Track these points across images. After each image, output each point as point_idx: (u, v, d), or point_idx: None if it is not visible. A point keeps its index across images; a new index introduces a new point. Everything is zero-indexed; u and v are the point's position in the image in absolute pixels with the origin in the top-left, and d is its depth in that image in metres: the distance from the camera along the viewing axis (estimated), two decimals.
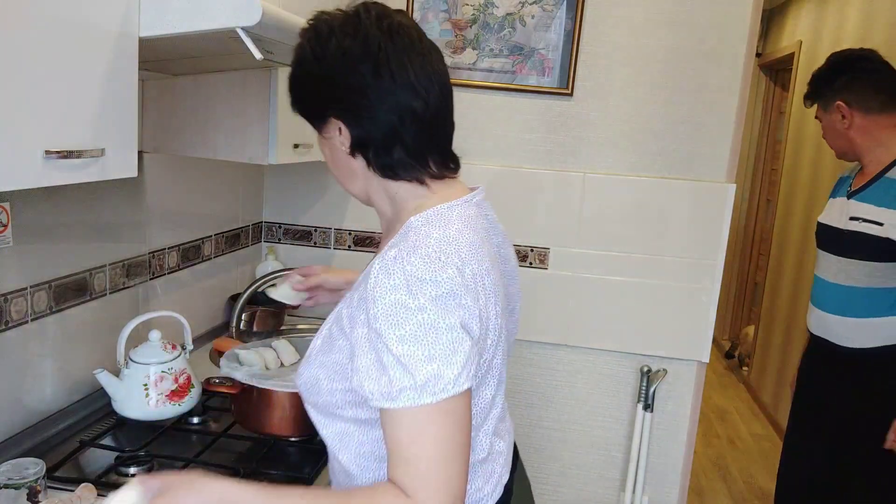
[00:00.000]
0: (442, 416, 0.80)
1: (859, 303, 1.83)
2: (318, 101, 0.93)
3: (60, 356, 1.42)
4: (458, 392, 0.80)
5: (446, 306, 0.81)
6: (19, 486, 1.07)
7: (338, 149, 0.94)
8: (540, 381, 2.29)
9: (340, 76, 0.89)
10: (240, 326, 2.04)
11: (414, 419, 0.80)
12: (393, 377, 0.79)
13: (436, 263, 0.82)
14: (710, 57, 2.09)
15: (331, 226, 2.36)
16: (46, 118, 0.91)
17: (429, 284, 0.80)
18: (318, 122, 0.95)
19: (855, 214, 1.83)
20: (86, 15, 0.95)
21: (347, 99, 0.89)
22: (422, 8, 2.16)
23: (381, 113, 0.89)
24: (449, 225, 0.89)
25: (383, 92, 0.88)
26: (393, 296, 0.80)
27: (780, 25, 4.85)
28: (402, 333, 0.79)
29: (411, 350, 0.79)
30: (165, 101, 1.60)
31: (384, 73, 0.88)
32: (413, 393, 0.79)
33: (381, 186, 0.95)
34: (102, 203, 1.51)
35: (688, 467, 2.31)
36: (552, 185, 2.19)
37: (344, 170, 0.97)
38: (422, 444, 0.80)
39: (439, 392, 0.79)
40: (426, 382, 0.78)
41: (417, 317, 0.79)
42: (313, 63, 0.91)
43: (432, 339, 0.79)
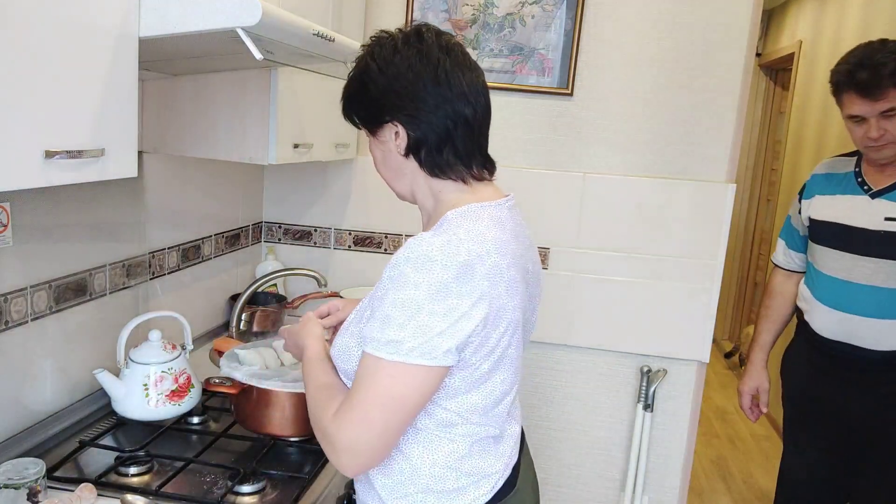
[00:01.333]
0: (388, 377, 0.92)
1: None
2: (378, 108, 1.04)
3: (60, 356, 1.42)
4: (411, 363, 0.91)
5: (439, 293, 0.91)
6: (19, 486, 1.07)
7: (391, 151, 1.06)
8: (540, 381, 2.29)
9: (403, 85, 1.01)
10: (240, 326, 2.04)
11: (369, 365, 0.93)
12: (373, 326, 0.93)
13: (450, 249, 0.92)
14: (710, 57, 2.09)
15: (331, 226, 2.36)
16: (46, 118, 0.91)
17: (437, 265, 0.91)
18: (374, 126, 1.07)
19: (892, 215, 1.74)
20: (86, 15, 0.95)
21: (409, 105, 1.01)
22: (422, 8, 2.16)
23: (437, 118, 1.02)
24: (479, 221, 0.99)
25: (441, 99, 1.01)
26: (404, 266, 0.92)
27: (780, 25, 4.85)
28: (394, 297, 0.92)
29: (393, 312, 0.91)
30: (165, 101, 1.60)
31: (442, 82, 1.01)
32: (377, 344, 0.92)
33: (426, 184, 1.07)
34: (102, 203, 1.51)
35: (688, 467, 2.31)
36: (552, 185, 2.19)
37: (393, 169, 1.09)
38: (365, 387, 0.93)
39: (393, 353, 0.91)
40: (389, 342, 0.91)
41: (410, 292, 0.91)
42: (378, 73, 1.02)
43: (413, 312, 0.91)
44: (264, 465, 1.31)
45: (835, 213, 1.84)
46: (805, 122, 4.07)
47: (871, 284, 1.75)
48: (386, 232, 2.33)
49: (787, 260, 2.03)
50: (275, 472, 1.29)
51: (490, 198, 1.06)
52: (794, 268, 2.02)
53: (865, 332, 1.77)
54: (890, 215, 1.74)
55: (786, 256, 2.04)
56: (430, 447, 1.02)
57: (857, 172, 1.84)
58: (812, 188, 1.94)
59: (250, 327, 2.08)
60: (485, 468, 1.05)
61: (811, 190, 1.94)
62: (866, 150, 1.78)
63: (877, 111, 1.68)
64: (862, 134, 1.73)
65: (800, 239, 1.98)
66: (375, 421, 0.92)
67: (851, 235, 1.79)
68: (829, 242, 1.84)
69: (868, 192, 1.79)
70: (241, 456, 1.37)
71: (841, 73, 1.74)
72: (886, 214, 1.75)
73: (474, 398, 1.01)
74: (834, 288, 1.82)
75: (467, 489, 1.03)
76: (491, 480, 1.05)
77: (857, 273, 1.77)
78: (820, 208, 1.89)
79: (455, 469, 1.02)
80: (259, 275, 2.25)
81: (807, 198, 1.94)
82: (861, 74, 1.67)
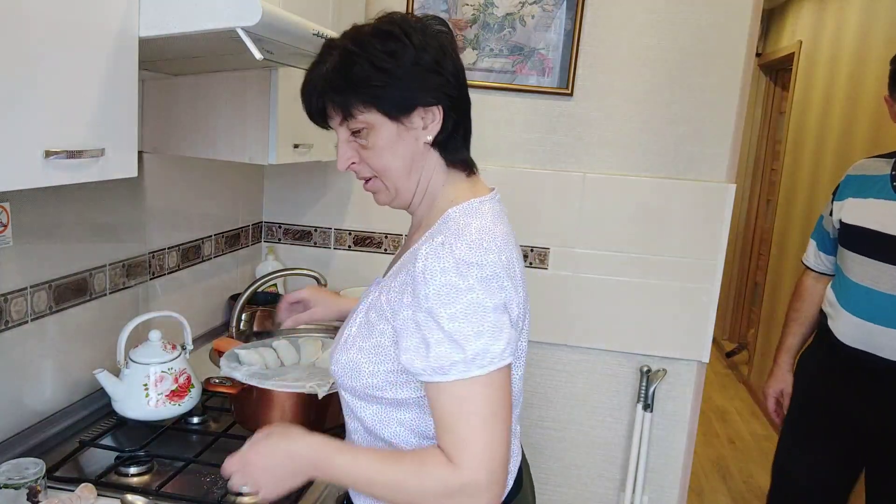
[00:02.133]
0: (487, 388, 0.87)
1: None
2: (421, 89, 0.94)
3: (60, 356, 1.42)
4: (503, 365, 0.87)
5: (491, 287, 0.88)
6: (19, 486, 1.07)
7: (413, 140, 0.96)
8: (540, 381, 2.29)
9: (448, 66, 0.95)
10: (240, 326, 2.04)
11: (462, 391, 0.86)
12: (444, 352, 0.86)
13: (480, 248, 0.89)
14: (710, 57, 2.09)
15: (331, 226, 2.36)
16: (46, 118, 0.91)
17: (475, 267, 0.87)
18: (408, 111, 0.95)
19: None
20: (86, 15, 0.95)
21: (448, 88, 0.95)
22: (422, 8, 2.16)
23: (462, 101, 0.98)
24: (484, 216, 0.96)
25: (462, 80, 0.97)
26: (443, 278, 0.87)
27: (780, 25, 4.85)
28: (452, 312, 0.86)
29: (461, 327, 0.85)
30: (165, 101, 1.60)
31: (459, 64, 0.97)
32: (463, 366, 0.86)
33: (438, 180, 1.00)
34: (102, 203, 1.51)
35: (688, 467, 2.31)
36: (552, 185, 2.19)
37: (407, 161, 0.98)
38: (468, 413, 0.86)
39: (487, 365, 0.86)
40: (475, 356, 0.85)
41: (467, 296, 0.86)
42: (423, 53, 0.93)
43: (480, 316, 0.86)
44: None
45: (866, 218, 1.78)
46: (805, 122, 4.07)
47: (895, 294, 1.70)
48: (386, 232, 2.33)
49: (818, 262, 1.99)
50: None
51: (483, 192, 1.02)
52: (824, 270, 1.98)
53: (886, 342, 1.72)
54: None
55: (816, 258, 1.99)
56: None
57: (894, 176, 1.78)
58: (845, 190, 1.88)
59: (250, 327, 2.08)
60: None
61: (844, 192, 1.88)
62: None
63: None
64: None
65: (830, 241, 1.94)
66: (497, 440, 0.87)
67: (881, 242, 1.73)
68: (858, 248, 1.79)
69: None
70: None
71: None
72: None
73: None
74: (859, 295, 1.77)
75: None
76: (510, 477, 1.05)
77: (884, 282, 1.71)
78: (852, 212, 1.83)
79: None
80: (259, 275, 2.25)
81: (839, 199, 1.88)
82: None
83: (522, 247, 2.22)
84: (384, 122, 0.95)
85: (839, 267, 1.88)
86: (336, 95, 0.94)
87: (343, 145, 0.99)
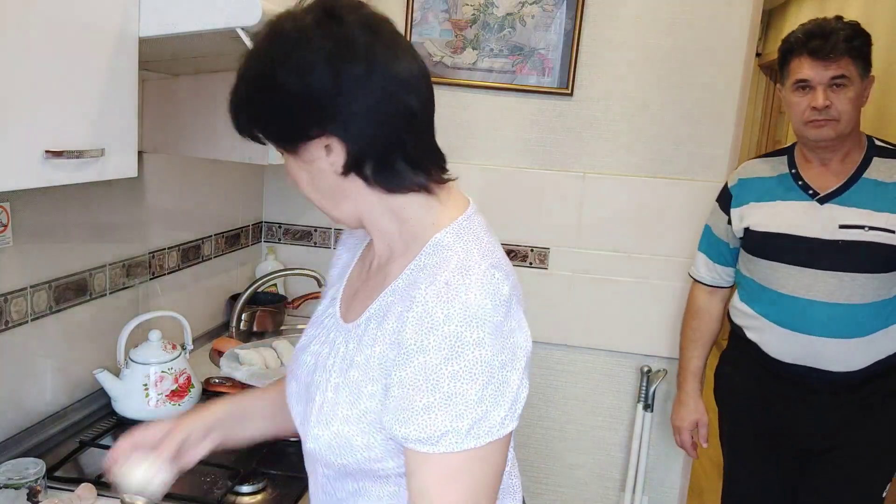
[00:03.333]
0: (480, 461, 0.75)
1: (865, 321, 1.58)
2: (297, 122, 0.79)
3: (60, 356, 1.42)
4: (503, 435, 0.75)
5: (502, 335, 0.75)
6: (19, 486, 1.07)
7: (324, 170, 0.81)
8: (540, 381, 2.29)
9: (327, 85, 0.75)
10: (240, 326, 2.04)
11: (450, 463, 0.74)
12: (437, 418, 0.73)
13: (492, 285, 0.75)
14: (710, 57, 2.09)
15: (331, 226, 2.36)
16: (46, 118, 0.91)
17: (489, 312, 0.74)
18: (295, 144, 0.81)
19: (848, 222, 1.57)
20: (86, 15, 0.95)
21: (341, 110, 0.76)
22: (422, 8, 2.16)
23: (380, 120, 0.78)
24: (480, 238, 0.83)
25: (380, 95, 0.77)
26: (448, 328, 0.73)
27: (780, 25, 4.85)
28: (455, 370, 0.72)
29: (463, 388, 0.72)
30: (165, 101, 1.60)
31: (376, 75, 0.76)
32: (457, 437, 0.73)
33: (382, 204, 0.83)
34: (102, 203, 1.51)
35: (688, 467, 2.31)
36: (552, 185, 2.19)
37: (329, 193, 0.84)
38: (454, 488, 0.74)
39: (484, 435, 0.73)
40: (472, 425, 0.73)
41: (475, 352, 0.72)
42: (289, 77, 0.76)
43: (486, 377, 0.73)
44: (264, 465, 1.31)
45: (780, 223, 1.64)
46: None
47: (834, 302, 1.57)
48: None
49: (713, 276, 1.84)
50: (275, 472, 1.29)
51: (462, 205, 0.87)
52: (721, 283, 1.84)
53: (830, 355, 1.59)
54: (844, 222, 1.57)
55: (710, 272, 1.84)
56: None
57: (796, 174, 1.66)
58: (743, 194, 1.74)
59: (250, 327, 2.08)
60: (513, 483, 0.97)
61: (742, 196, 1.73)
62: (805, 129, 1.60)
63: (827, 77, 1.54)
64: (805, 105, 1.57)
65: (728, 252, 1.79)
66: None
67: (805, 248, 1.60)
68: (779, 257, 1.64)
69: (815, 197, 1.62)
70: (241, 456, 1.36)
71: (793, 39, 1.60)
72: (840, 221, 1.57)
73: None
74: (792, 308, 1.62)
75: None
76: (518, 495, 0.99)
77: (818, 290, 1.58)
78: (759, 217, 1.68)
79: None
80: (259, 275, 2.25)
81: (737, 206, 1.74)
82: (815, 38, 1.55)
83: (522, 247, 2.23)
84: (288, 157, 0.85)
85: (749, 278, 1.73)
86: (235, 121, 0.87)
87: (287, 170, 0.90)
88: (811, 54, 1.56)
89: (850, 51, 1.54)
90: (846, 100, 1.55)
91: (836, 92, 1.55)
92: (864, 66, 1.57)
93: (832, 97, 1.55)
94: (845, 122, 1.56)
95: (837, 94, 1.55)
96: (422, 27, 2.17)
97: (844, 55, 1.53)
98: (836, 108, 1.55)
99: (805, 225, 1.61)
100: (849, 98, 1.55)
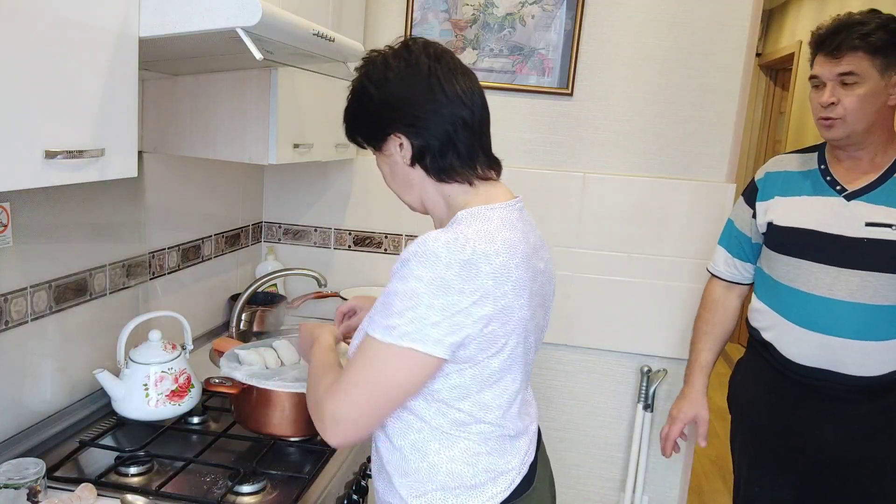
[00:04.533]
0: (380, 357, 0.97)
1: (887, 323, 1.51)
2: (379, 124, 1.08)
3: (60, 356, 1.42)
4: (401, 345, 0.95)
5: (440, 288, 0.94)
6: (19, 486, 1.07)
7: (398, 163, 1.09)
8: (540, 381, 2.29)
9: (398, 96, 1.05)
10: (240, 326, 2.04)
11: (365, 345, 0.98)
12: (374, 312, 0.99)
13: (455, 246, 0.95)
14: (710, 57, 2.09)
15: (331, 226, 2.36)
16: (46, 118, 0.91)
17: (441, 263, 0.94)
18: (379, 142, 1.10)
19: (875, 220, 1.51)
20: (86, 15, 0.95)
21: (407, 115, 1.05)
22: (422, 8, 2.16)
23: (436, 123, 1.05)
24: (489, 221, 1.02)
25: (437, 105, 1.04)
26: (409, 261, 0.96)
27: (780, 25, 4.85)
28: (396, 288, 0.96)
29: (394, 301, 0.96)
30: (165, 101, 1.60)
31: (435, 88, 1.04)
32: (374, 326, 0.97)
33: (436, 191, 1.10)
34: (102, 203, 1.51)
35: (688, 467, 2.31)
36: (552, 185, 2.19)
37: (402, 181, 1.11)
38: (359, 364, 0.98)
39: (387, 336, 0.95)
40: (386, 326, 0.96)
41: (412, 283, 0.95)
42: (374, 90, 1.06)
43: (411, 303, 0.95)
44: (264, 465, 1.31)
45: (804, 218, 1.59)
46: (805, 122, 4.07)
47: (855, 301, 1.51)
48: (386, 232, 2.33)
49: (732, 271, 1.79)
50: (275, 472, 1.29)
51: (499, 199, 1.08)
52: (739, 280, 1.79)
53: (849, 357, 1.53)
54: (872, 220, 1.52)
55: (729, 267, 1.79)
56: (446, 445, 1.04)
57: (825, 170, 1.61)
58: (769, 188, 1.69)
59: (250, 327, 2.08)
60: (501, 465, 1.07)
61: (768, 190, 1.69)
62: (819, 127, 1.57)
63: (835, 73, 1.50)
64: (817, 101, 1.55)
65: (750, 247, 1.74)
66: (362, 396, 0.98)
67: (829, 245, 1.55)
68: (801, 253, 1.58)
69: (842, 193, 1.56)
70: (241, 456, 1.37)
71: (816, 34, 1.56)
72: (867, 219, 1.52)
73: (487, 397, 1.03)
74: (811, 306, 1.56)
75: (484, 486, 1.05)
76: (508, 477, 1.07)
77: (840, 289, 1.53)
78: (784, 212, 1.63)
79: (472, 466, 1.04)
80: (259, 275, 2.25)
81: (763, 199, 1.69)
82: (830, 33, 1.51)
83: None
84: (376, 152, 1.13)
85: (768, 275, 1.68)
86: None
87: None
88: (822, 50, 1.53)
89: (866, 46, 1.47)
90: (854, 97, 1.49)
91: (845, 89, 1.50)
92: (886, 62, 1.48)
93: (840, 94, 1.50)
94: (853, 121, 1.50)
95: (846, 91, 1.50)
96: (422, 27, 2.17)
97: (857, 51, 1.47)
98: (842, 105, 1.50)
99: (830, 221, 1.55)
100: (857, 95, 1.49)
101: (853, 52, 1.48)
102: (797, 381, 1.61)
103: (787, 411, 1.65)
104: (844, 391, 1.56)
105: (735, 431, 1.85)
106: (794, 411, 1.64)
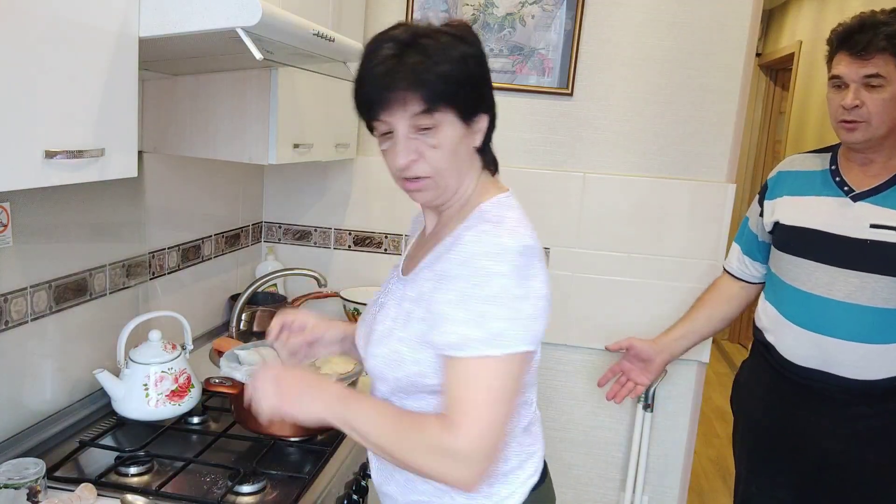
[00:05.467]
0: (495, 371, 0.92)
1: (885, 327, 1.50)
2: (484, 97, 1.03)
3: (60, 356, 1.42)
4: (519, 352, 0.92)
5: (523, 277, 0.93)
6: (19, 486, 1.07)
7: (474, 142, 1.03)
8: (540, 381, 2.27)
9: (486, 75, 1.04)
10: (240, 326, 2.04)
11: (475, 368, 0.91)
12: (466, 329, 0.91)
13: (518, 234, 0.95)
14: (710, 57, 2.09)
15: (331, 226, 2.36)
16: (46, 118, 0.91)
17: (512, 253, 0.92)
18: (476, 114, 1.02)
19: (880, 222, 1.49)
20: (86, 15, 0.95)
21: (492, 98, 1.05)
22: (422, 8, 2.16)
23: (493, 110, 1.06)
24: (514, 209, 1.02)
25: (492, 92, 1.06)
26: (479, 262, 0.92)
27: (780, 25, 4.85)
28: (483, 294, 0.91)
29: (488, 309, 0.91)
30: (165, 101, 1.60)
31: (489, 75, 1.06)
32: (479, 345, 0.91)
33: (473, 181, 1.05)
34: (102, 203, 1.51)
35: (688, 467, 2.31)
36: (552, 185, 2.19)
37: (461, 162, 1.01)
38: (475, 389, 0.91)
39: (501, 347, 0.91)
40: (493, 338, 0.90)
41: (499, 281, 0.91)
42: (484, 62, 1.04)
43: (507, 301, 0.91)
44: (264, 465, 1.31)
45: (809, 218, 1.58)
46: (805, 122, 4.07)
47: (853, 302, 1.50)
48: (386, 232, 2.33)
49: (741, 268, 1.80)
50: (275, 472, 1.29)
51: (505, 189, 1.08)
52: (748, 278, 1.80)
53: (845, 359, 1.52)
54: (876, 222, 1.50)
55: (739, 263, 1.80)
56: None
57: (835, 171, 1.60)
58: (778, 187, 1.68)
59: (250, 327, 2.08)
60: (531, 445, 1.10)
61: (777, 189, 1.68)
62: (838, 129, 1.54)
63: (861, 75, 1.46)
64: (838, 103, 1.51)
65: (758, 246, 1.75)
66: (496, 420, 0.92)
67: (831, 244, 1.54)
68: (804, 252, 1.58)
69: (849, 194, 1.55)
70: (241, 456, 1.37)
71: (838, 32, 1.53)
72: (872, 220, 1.50)
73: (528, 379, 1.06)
74: (809, 305, 1.56)
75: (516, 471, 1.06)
76: (535, 458, 1.10)
77: (838, 289, 1.52)
78: (790, 211, 1.63)
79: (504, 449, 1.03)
80: (259, 275, 2.25)
81: (771, 198, 1.69)
82: (854, 33, 1.47)
83: None
84: (455, 123, 0.98)
85: (775, 275, 1.67)
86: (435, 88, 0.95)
87: (405, 141, 0.97)
88: (847, 50, 1.49)
89: (893, 48, 1.44)
90: (880, 101, 1.46)
91: (871, 92, 1.47)
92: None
93: (865, 97, 1.47)
94: (877, 125, 1.47)
95: (871, 94, 1.47)
96: None
97: (884, 52, 1.44)
98: (867, 108, 1.47)
99: (834, 222, 1.54)
100: (883, 99, 1.46)
101: (881, 54, 1.44)
102: (796, 381, 1.61)
103: (786, 412, 1.65)
104: (840, 393, 1.55)
105: (736, 431, 1.86)
106: (793, 412, 1.64)
